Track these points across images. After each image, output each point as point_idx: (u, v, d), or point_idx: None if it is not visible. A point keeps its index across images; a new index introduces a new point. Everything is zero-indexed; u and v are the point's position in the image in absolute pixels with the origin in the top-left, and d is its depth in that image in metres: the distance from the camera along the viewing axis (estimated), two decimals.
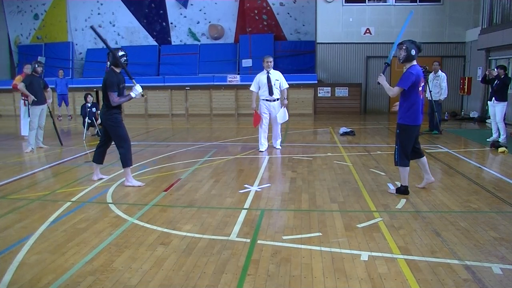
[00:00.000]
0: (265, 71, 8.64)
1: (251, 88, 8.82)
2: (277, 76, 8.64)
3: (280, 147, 8.97)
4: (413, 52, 5.19)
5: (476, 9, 15.76)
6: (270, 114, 8.71)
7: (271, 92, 8.58)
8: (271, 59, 8.63)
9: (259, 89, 8.68)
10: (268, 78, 8.56)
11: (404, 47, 5.22)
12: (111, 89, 5.83)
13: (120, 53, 5.95)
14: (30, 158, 8.43)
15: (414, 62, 5.28)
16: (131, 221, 4.61)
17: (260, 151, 8.74)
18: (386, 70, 5.61)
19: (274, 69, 8.78)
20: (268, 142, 9.00)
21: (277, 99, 8.70)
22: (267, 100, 8.66)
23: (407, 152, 5.39)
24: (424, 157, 5.68)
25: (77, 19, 20.05)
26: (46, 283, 3.23)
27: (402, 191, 5.49)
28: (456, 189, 5.75)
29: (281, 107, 8.73)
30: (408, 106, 5.27)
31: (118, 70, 5.99)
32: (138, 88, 6.00)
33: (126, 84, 6.19)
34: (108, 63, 6.01)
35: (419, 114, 5.32)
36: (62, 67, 17.25)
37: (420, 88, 5.28)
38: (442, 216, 4.67)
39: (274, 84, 8.58)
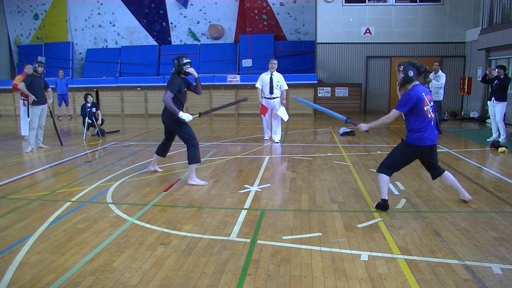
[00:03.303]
0: (269, 72, 9.61)
1: (256, 85, 9.82)
2: (278, 78, 9.63)
3: (278, 141, 9.64)
4: (410, 73, 4.68)
5: (476, 9, 15.76)
6: (271, 110, 9.74)
7: (271, 91, 9.59)
8: (275, 62, 9.62)
9: (263, 87, 9.69)
10: (271, 79, 9.56)
11: (401, 69, 4.75)
12: (171, 88, 5.92)
13: (185, 60, 6.05)
14: (30, 158, 8.43)
15: (416, 83, 4.74)
16: (131, 221, 4.61)
17: (265, 139, 9.98)
18: (351, 121, 5.26)
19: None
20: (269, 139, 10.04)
21: (277, 97, 9.69)
22: (267, 98, 9.66)
23: (394, 165, 4.87)
24: (446, 172, 5.05)
25: (77, 19, 20.05)
26: (46, 283, 3.23)
27: (381, 205, 4.87)
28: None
29: (281, 106, 9.69)
30: (414, 129, 4.69)
31: (182, 76, 6.10)
32: (187, 117, 5.96)
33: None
34: (173, 69, 6.10)
35: (429, 135, 4.68)
36: (62, 67, 17.26)
37: (427, 108, 4.66)
38: (442, 216, 4.67)
39: (276, 86, 9.57)
